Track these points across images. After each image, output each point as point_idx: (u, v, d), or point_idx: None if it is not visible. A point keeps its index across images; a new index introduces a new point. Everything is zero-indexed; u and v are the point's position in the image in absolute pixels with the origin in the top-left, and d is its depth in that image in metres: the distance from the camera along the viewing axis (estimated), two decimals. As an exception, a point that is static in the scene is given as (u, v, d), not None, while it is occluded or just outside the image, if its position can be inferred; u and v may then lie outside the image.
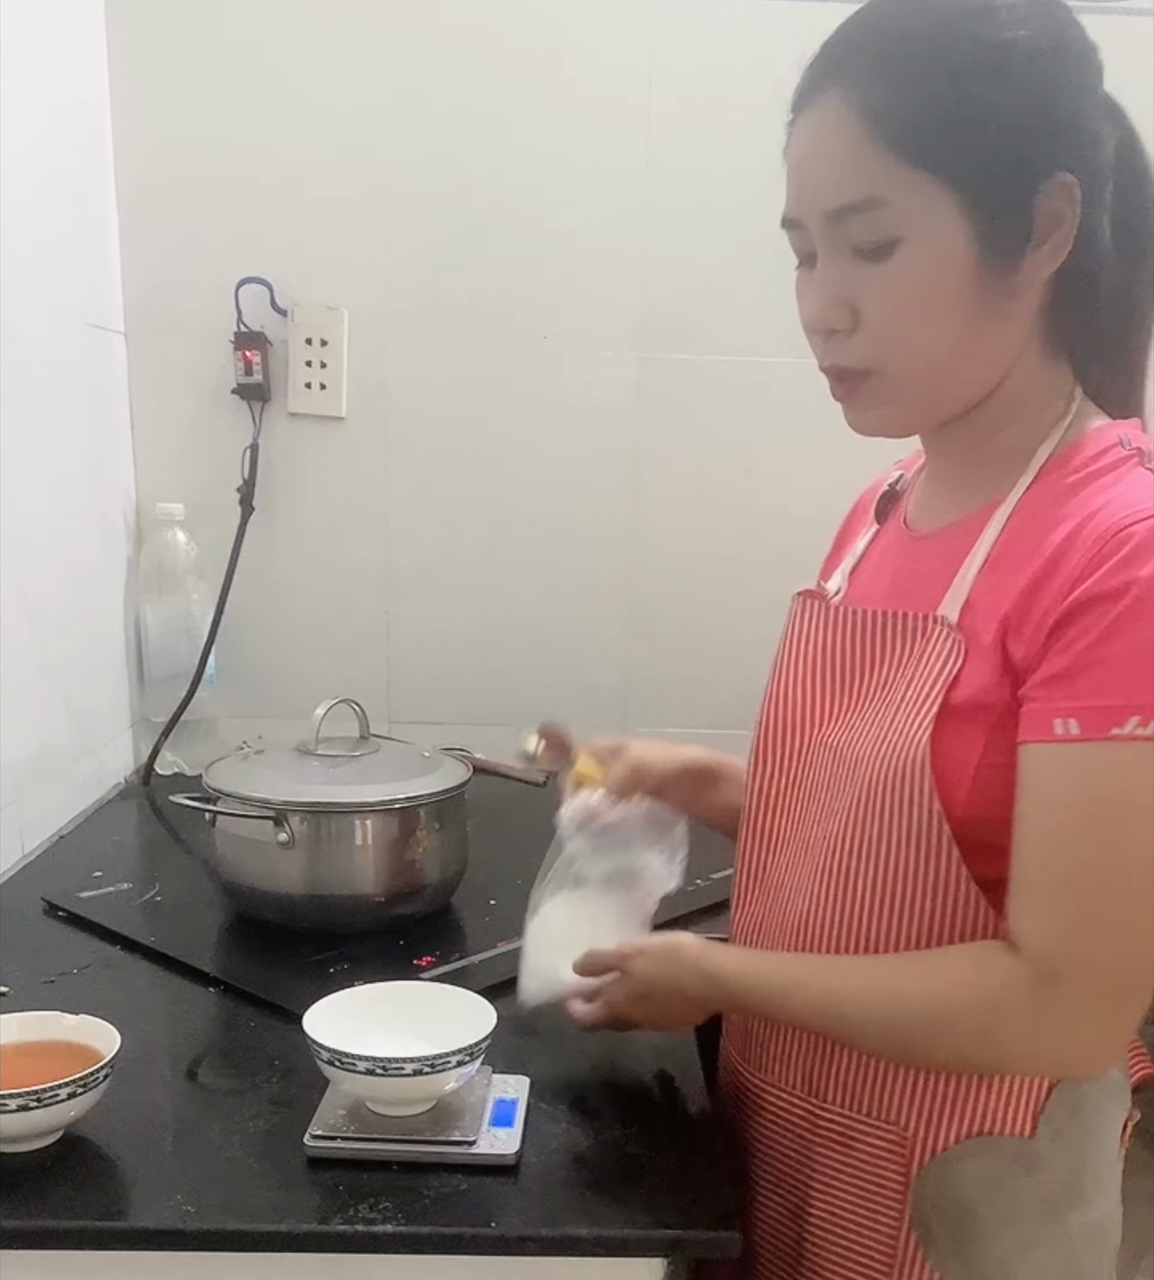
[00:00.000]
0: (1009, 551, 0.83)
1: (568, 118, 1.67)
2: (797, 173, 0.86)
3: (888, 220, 0.80)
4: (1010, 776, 0.79)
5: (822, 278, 0.84)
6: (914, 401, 0.86)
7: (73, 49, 1.55)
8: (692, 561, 1.76)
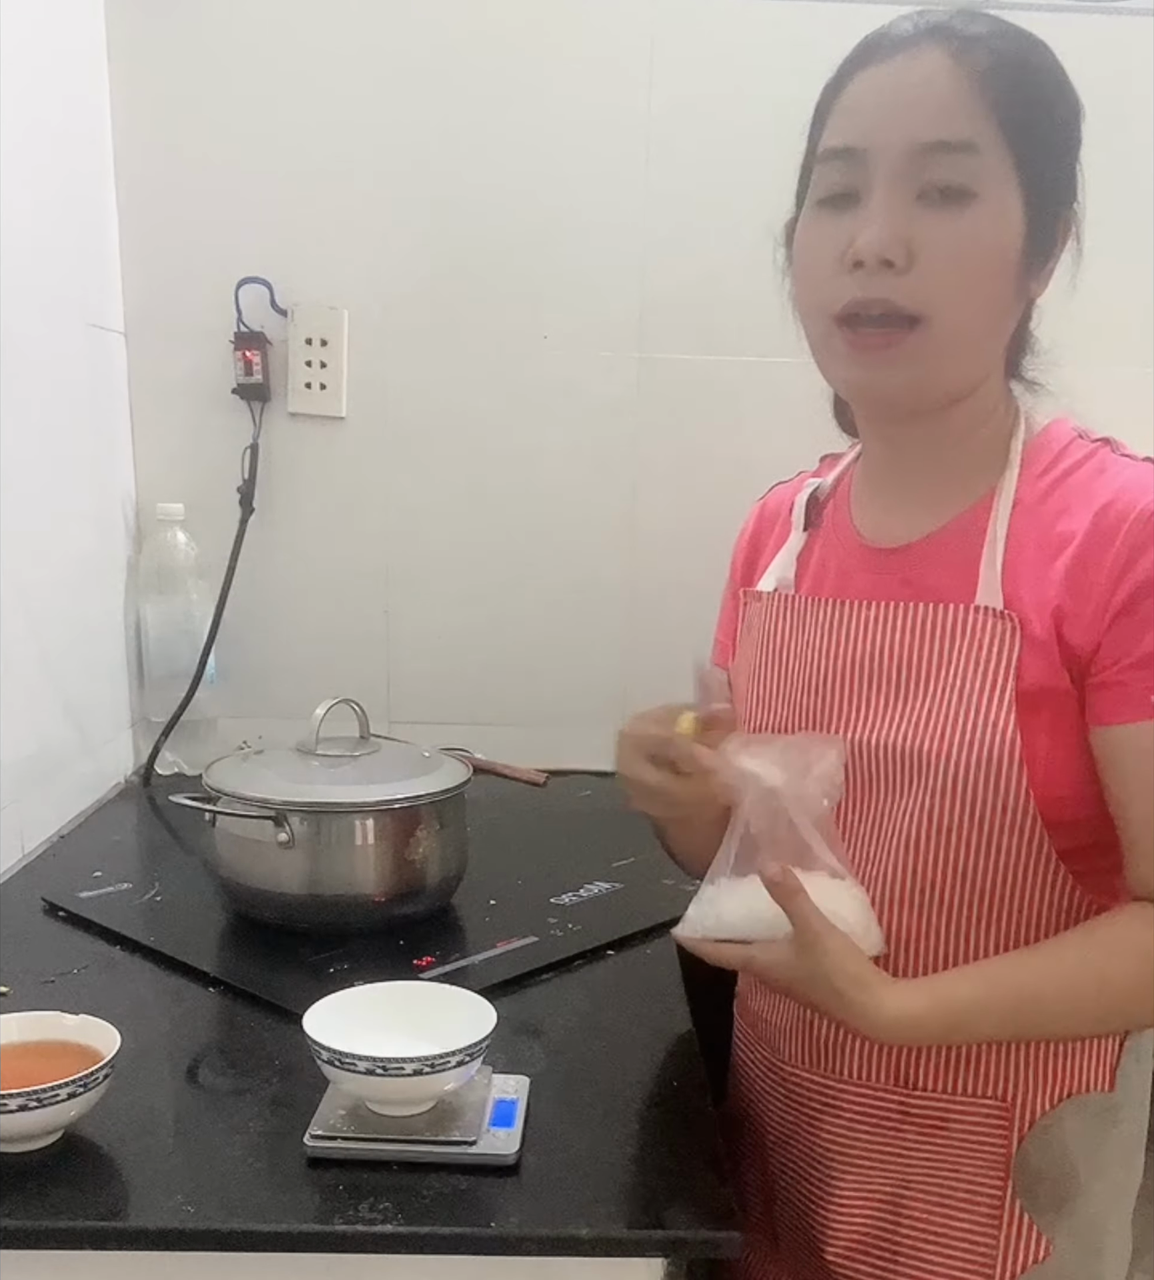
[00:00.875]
0: (1020, 543, 0.87)
1: (568, 118, 1.67)
2: (879, 104, 0.84)
3: (974, 171, 0.82)
4: (1072, 757, 0.85)
5: (882, 211, 0.83)
6: (951, 363, 0.86)
7: (73, 49, 1.55)
8: (691, 562, 1.76)
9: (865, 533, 0.97)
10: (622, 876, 1.35)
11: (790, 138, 1.54)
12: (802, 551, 1.01)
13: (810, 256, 0.89)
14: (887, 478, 0.96)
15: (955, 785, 0.86)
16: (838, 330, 0.86)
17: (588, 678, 1.77)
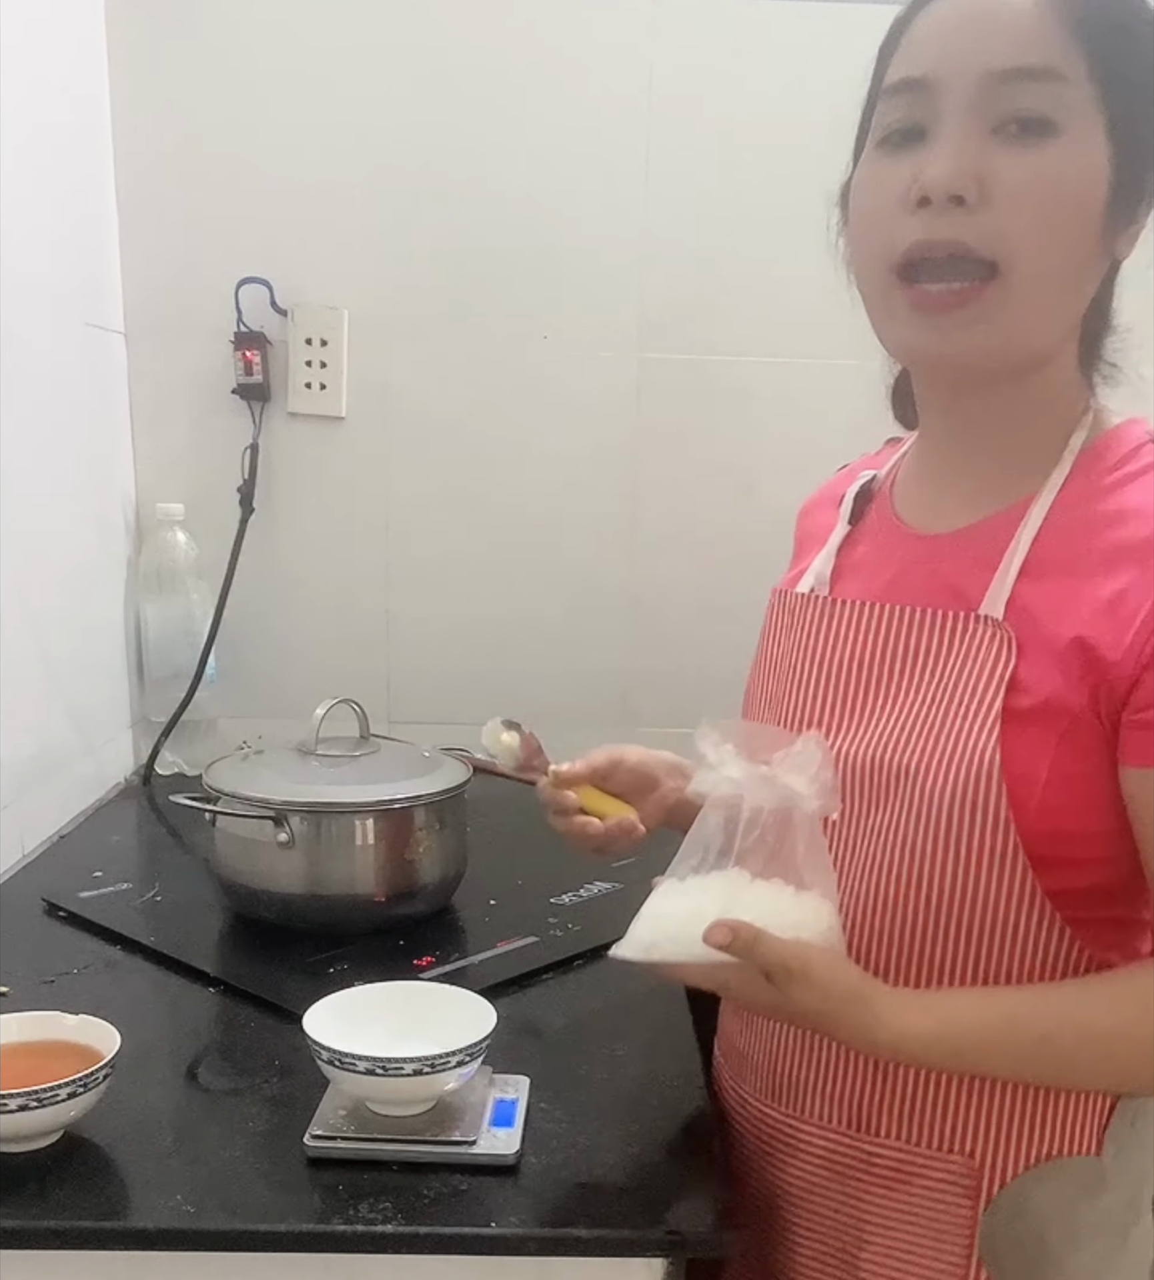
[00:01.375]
0: (1058, 552, 0.79)
1: (568, 118, 1.67)
2: (950, 31, 0.76)
3: (1057, 101, 0.74)
4: (1080, 789, 0.76)
5: (952, 144, 0.75)
6: (1026, 321, 0.77)
7: (73, 49, 1.55)
8: (691, 561, 1.76)
9: (906, 517, 0.90)
10: (622, 876, 1.35)
11: (791, 137, 1.55)
12: (843, 545, 0.94)
13: (869, 200, 0.80)
14: (940, 460, 0.88)
15: (929, 803, 0.79)
16: (898, 286, 0.78)
17: (588, 678, 1.77)
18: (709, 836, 0.81)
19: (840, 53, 0.89)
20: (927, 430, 0.91)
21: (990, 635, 0.79)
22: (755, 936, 0.74)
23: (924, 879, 0.80)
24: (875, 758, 0.83)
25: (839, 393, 1.71)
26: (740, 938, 0.74)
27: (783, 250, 1.67)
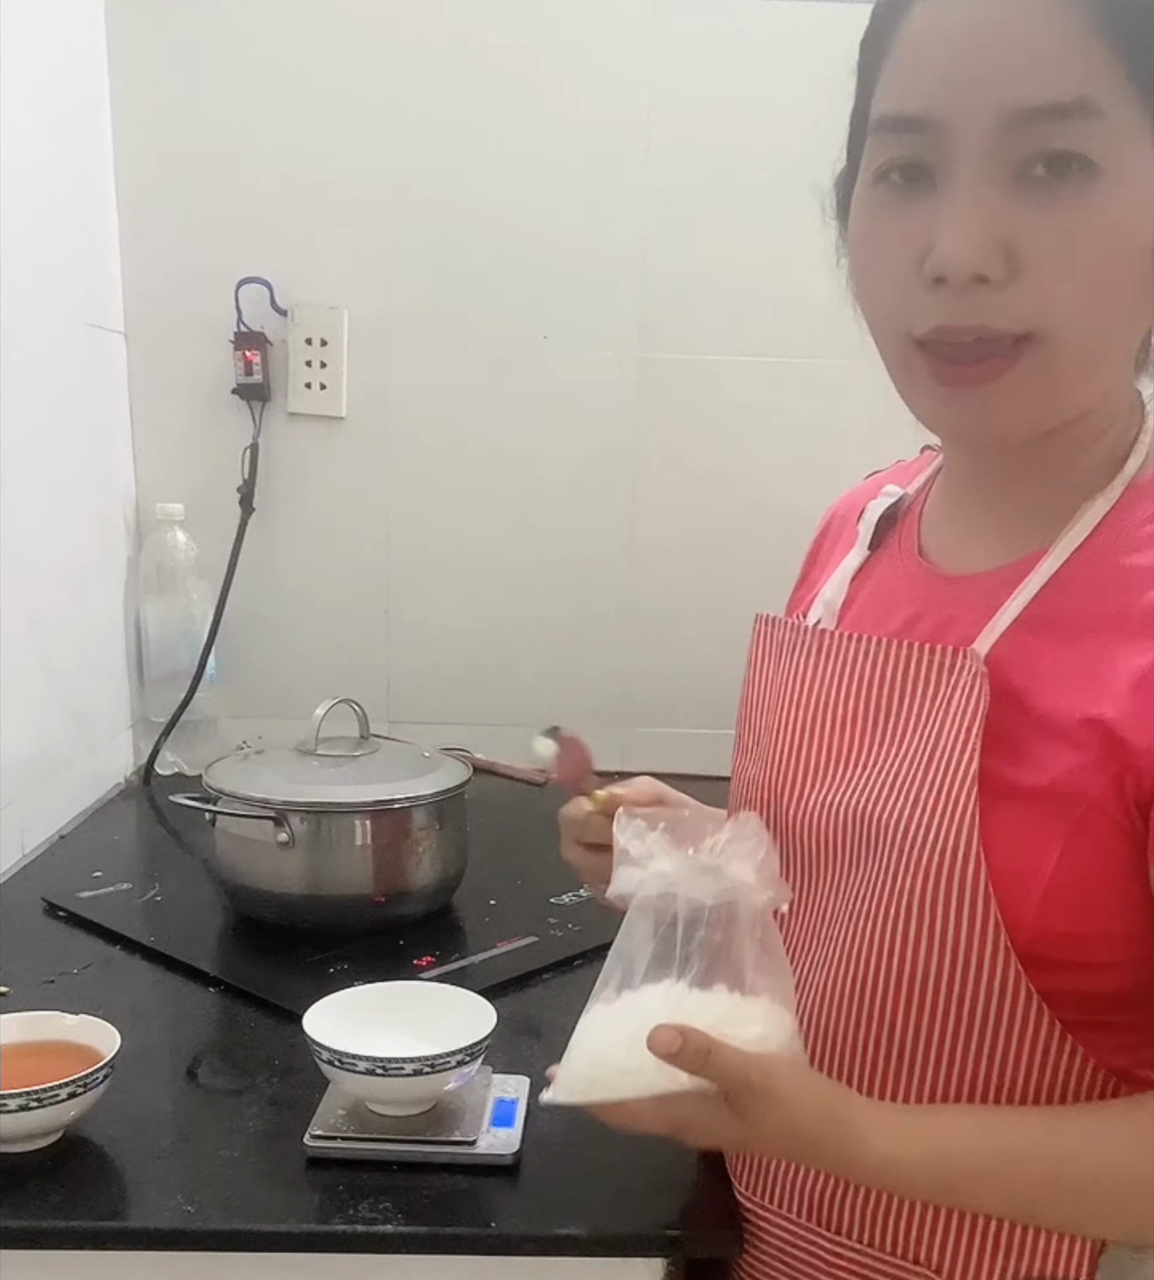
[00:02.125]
0: (1073, 606, 0.69)
1: (568, 118, 1.67)
2: (953, 55, 0.62)
3: (1095, 137, 0.61)
4: (1099, 885, 0.65)
5: (967, 206, 0.62)
6: (1069, 387, 0.67)
7: (73, 49, 1.55)
8: (691, 561, 1.76)
9: (933, 555, 0.79)
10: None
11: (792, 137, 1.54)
12: (857, 574, 0.84)
13: (875, 256, 0.68)
14: (969, 498, 0.78)
15: (906, 868, 0.69)
16: (919, 354, 0.67)
17: (588, 678, 1.77)
18: (639, 945, 0.71)
19: (842, 53, 0.88)
20: (951, 467, 0.81)
21: (969, 673, 0.69)
22: (709, 1046, 0.64)
23: (897, 950, 0.70)
24: (855, 810, 0.73)
25: (840, 393, 1.71)
26: (691, 1044, 0.64)
27: (783, 250, 1.67)
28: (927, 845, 0.68)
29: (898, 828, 0.70)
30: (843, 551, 0.87)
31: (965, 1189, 0.68)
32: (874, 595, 0.82)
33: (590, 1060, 0.70)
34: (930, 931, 0.69)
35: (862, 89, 0.70)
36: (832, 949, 0.75)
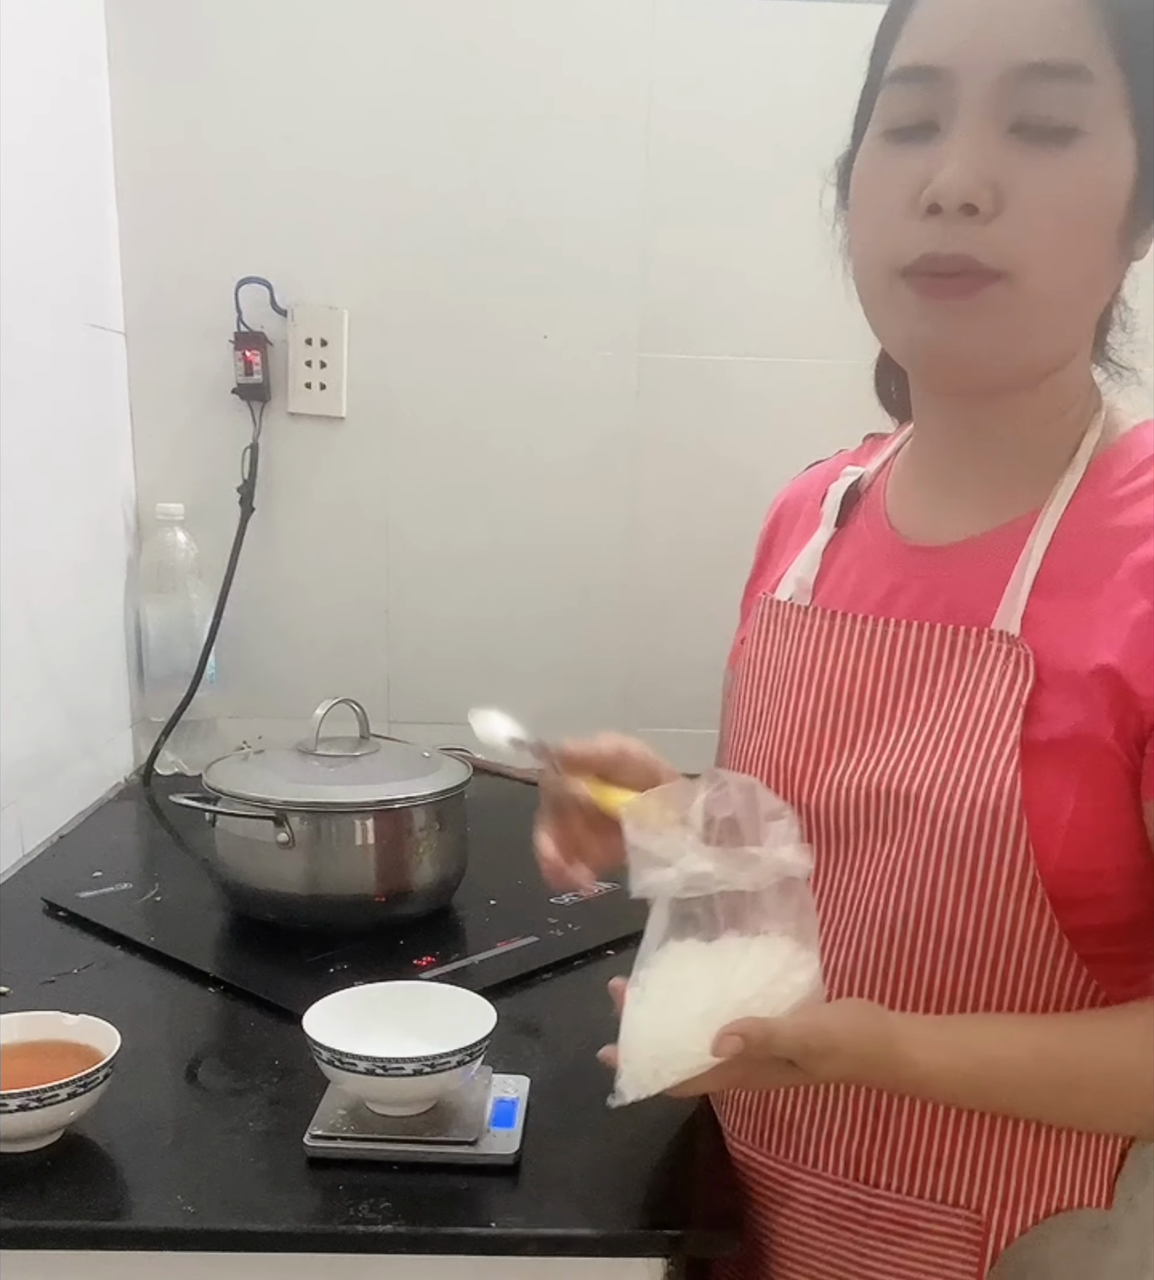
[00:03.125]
0: (1072, 568, 0.75)
1: (568, 117, 1.67)
2: (967, 15, 0.70)
3: (1082, 101, 0.68)
4: (1104, 826, 0.72)
5: (967, 145, 0.69)
6: (1040, 327, 0.73)
7: (72, 49, 1.55)
8: (691, 561, 1.76)
9: (901, 527, 0.84)
10: (622, 876, 1.35)
11: (791, 137, 1.54)
12: (827, 548, 0.88)
13: (874, 196, 0.75)
14: (938, 467, 0.83)
15: (943, 833, 0.74)
16: (903, 281, 0.73)
17: (588, 678, 1.77)
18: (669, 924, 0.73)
19: (841, 52, 0.88)
20: (923, 433, 0.85)
21: (1005, 653, 0.74)
22: (767, 1033, 0.69)
23: (935, 913, 0.75)
24: (881, 786, 0.78)
25: (839, 393, 1.70)
26: (752, 1039, 0.68)
27: (783, 250, 1.67)
28: (964, 812, 0.73)
29: (931, 797, 0.75)
30: (802, 535, 0.91)
31: (1001, 1094, 0.74)
32: (847, 569, 0.86)
33: (653, 1052, 0.73)
34: (969, 892, 0.74)
35: (875, 64, 0.77)
36: (858, 920, 0.79)
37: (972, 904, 0.74)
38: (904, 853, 0.76)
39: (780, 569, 0.93)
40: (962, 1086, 0.74)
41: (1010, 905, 0.73)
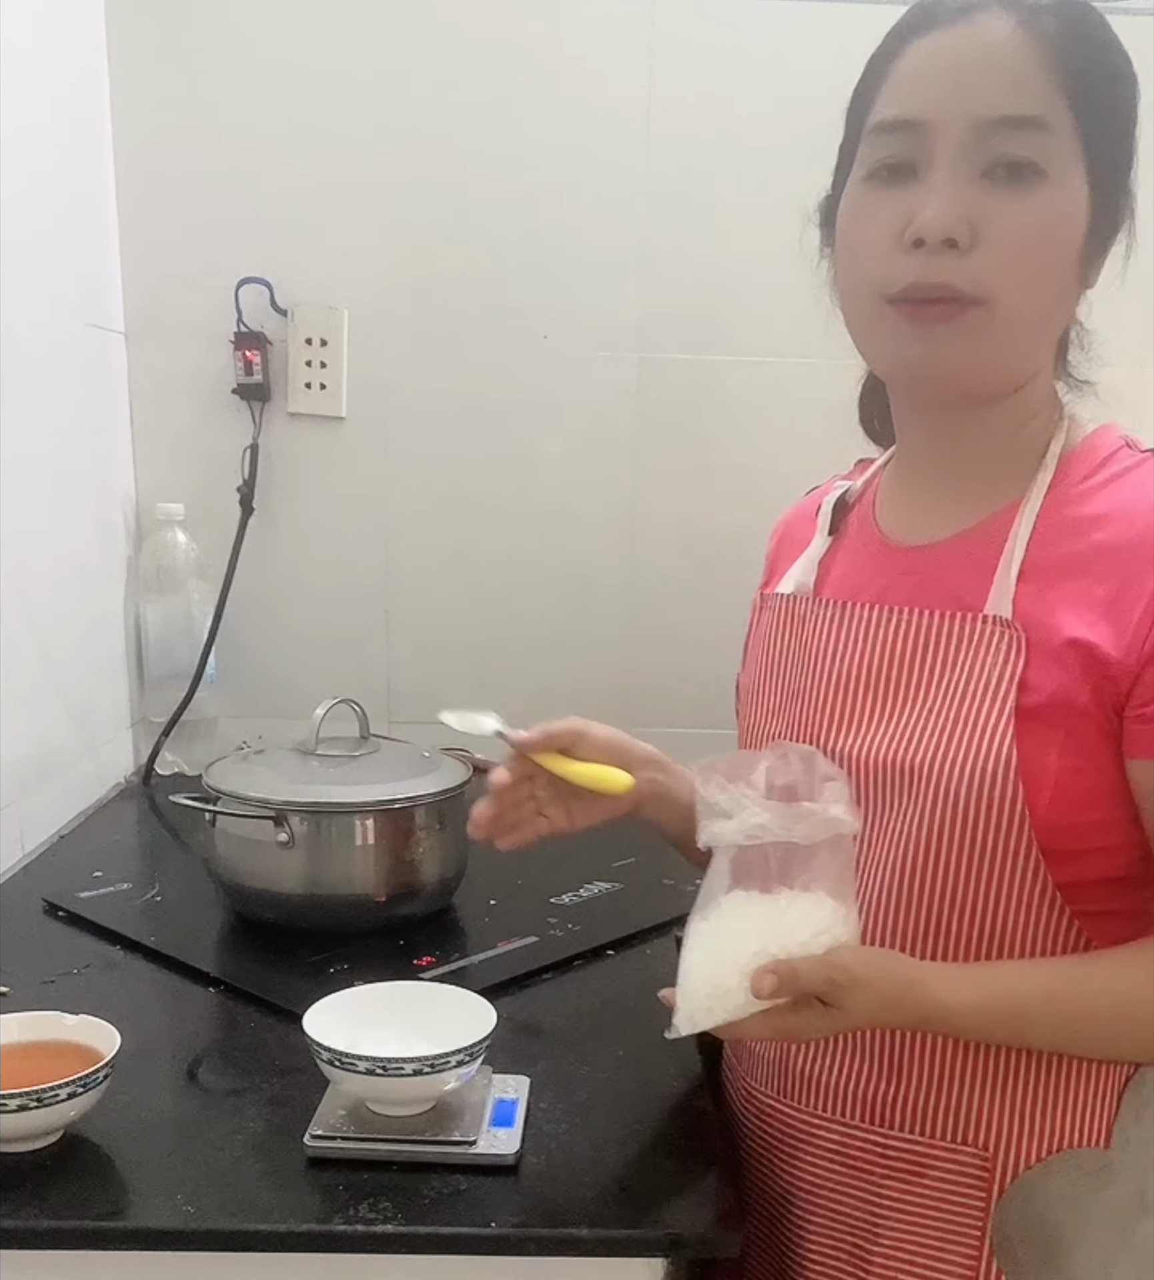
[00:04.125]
0: (1047, 555, 0.83)
1: (568, 117, 1.67)
2: (942, 73, 0.79)
3: (1044, 149, 0.78)
4: (1087, 782, 0.79)
5: (946, 187, 0.78)
6: (1011, 346, 0.82)
7: (72, 48, 1.55)
8: (691, 561, 1.76)
9: (889, 532, 0.92)
10: (621, 876, 1.35)
11: (791, 137, 1.54)
12: (824, 556, 0.97)
13: (861, 233, 0.84)
14: (920, 475, 0.92)
15: (946, 800, 0.81)
16: (890, 308, 0.81)
17: (588, 678, 1.77)
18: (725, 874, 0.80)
19: (841, 53, 0.89)
20: (906, 447, 0.93)
21: (1000, 635, 0.82)
22: (792, 969, 0.75)
23: (941, 875, 0.82)
24: (889, 759, 0.85)
25: (839, 393, 1.71)
26: (784, 979, 0.75)
27: (783, 250, 1.66)
28: (964, 778, 0.80)
29: (934, 766, 0.82)
30: (800, 548, 1.00)
31: (1020, 1027, 0.81)
32: (843, 573, 0.95)
33: (707, 991, 0.78)
34: (970, 853, 0.81)
35: (853, 120, 0.86)
36: (871, 885, 0.86)
37: (973, 864, 0.81)
38: (910, 819, 0.83)
39: (778, 578, 1.01)
40: (983, 1020, 0.80)
41: (1008, 864, 0.81)
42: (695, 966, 0.80)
